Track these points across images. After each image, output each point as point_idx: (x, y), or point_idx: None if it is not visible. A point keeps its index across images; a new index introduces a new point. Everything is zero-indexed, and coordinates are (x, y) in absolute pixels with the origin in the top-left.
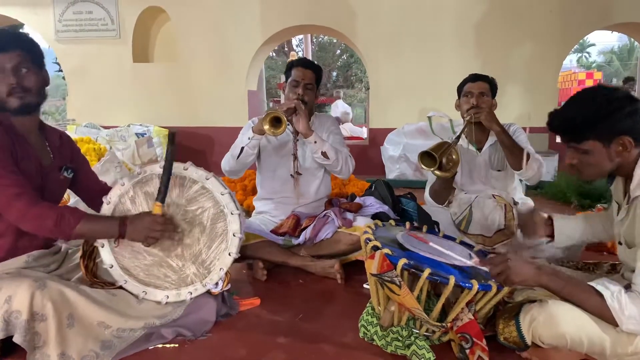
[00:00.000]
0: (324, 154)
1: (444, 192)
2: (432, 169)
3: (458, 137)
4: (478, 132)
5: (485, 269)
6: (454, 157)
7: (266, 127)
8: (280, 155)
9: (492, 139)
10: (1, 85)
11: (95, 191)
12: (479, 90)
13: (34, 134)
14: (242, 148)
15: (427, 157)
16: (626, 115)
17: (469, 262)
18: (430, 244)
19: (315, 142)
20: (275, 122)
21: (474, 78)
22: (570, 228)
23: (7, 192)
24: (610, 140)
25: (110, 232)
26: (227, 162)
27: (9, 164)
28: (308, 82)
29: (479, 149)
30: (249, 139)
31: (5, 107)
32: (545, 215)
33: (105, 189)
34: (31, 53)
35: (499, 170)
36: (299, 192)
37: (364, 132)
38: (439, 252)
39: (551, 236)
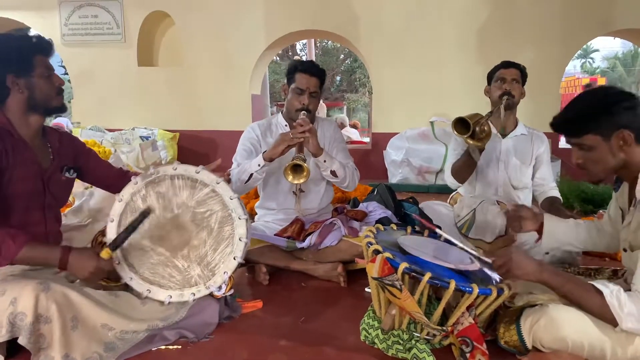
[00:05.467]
0: (333, 173)
1: (467, 169)
2: (464, 136)
3: (491, 112)
4: (507, 118)
5: (489, 260)
6: (486, 128)
7: (289, 178)
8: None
9: (519, 129)
10: (50, 85)
11: (110, 178)
12: (511, 77)
13: (36, 137)
14: (251, 175)
15: (460, 124)
16: (624, 108)
17: (470, 266)
18: (432, 247)
19: (325, 161)
20: (297, 168)
21: (507, 64)
22: (560, 231)
23: None
24: (610, 134)
25: (50, 263)
26: (233, 183)
27: None
28: (313, 91)
29: (504, 135)
30: (258, 165)
31: (49, 105)
32: (535, 210)
33: (122, 173)
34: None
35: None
36: (301, 208)
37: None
38: (440, 256)
39: (538, 232)
